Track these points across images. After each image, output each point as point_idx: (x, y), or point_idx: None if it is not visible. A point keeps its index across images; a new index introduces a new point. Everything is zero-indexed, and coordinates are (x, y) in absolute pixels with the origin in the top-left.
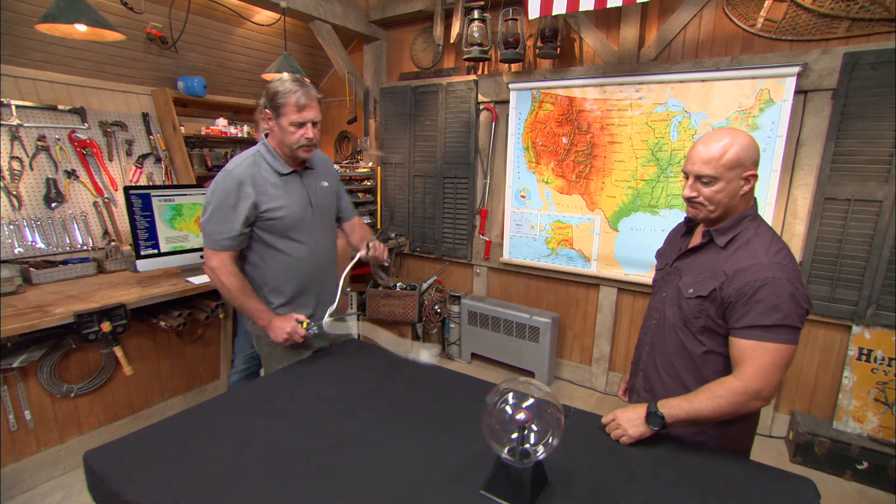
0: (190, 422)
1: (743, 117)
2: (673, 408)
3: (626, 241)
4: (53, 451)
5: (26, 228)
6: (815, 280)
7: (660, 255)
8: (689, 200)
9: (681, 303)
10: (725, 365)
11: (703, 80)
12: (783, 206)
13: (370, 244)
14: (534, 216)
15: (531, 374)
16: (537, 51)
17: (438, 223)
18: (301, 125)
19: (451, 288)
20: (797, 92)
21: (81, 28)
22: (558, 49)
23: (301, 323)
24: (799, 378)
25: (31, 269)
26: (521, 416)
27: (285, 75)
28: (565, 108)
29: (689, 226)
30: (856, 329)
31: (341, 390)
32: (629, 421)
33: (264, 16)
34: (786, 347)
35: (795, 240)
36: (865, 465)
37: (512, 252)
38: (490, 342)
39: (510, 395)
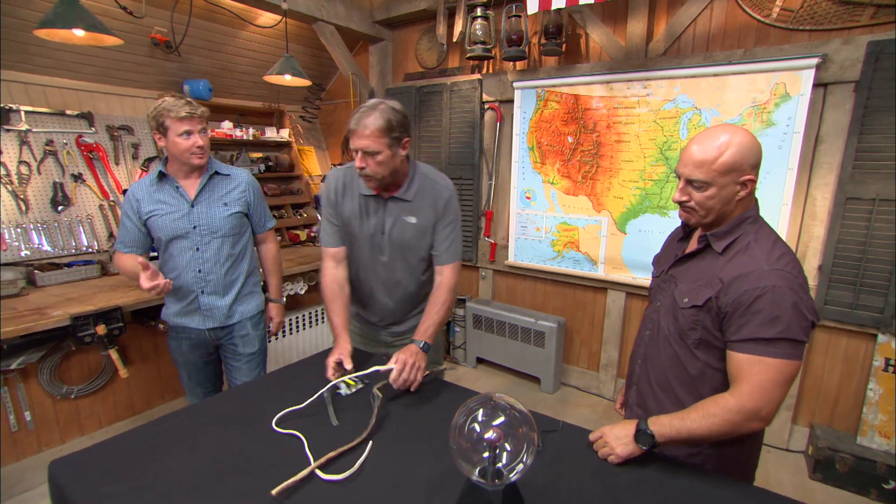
0: (160, 432)
1: (757, 113)
2: (664, 426)
3: (634, 244)
4: (55, 451)
5: (33, 231)
6: (836, 286)
7: (656, 260)
8: (681, 204)
9: (675, 313)
10: (724, 382)
11: (714, 75)
12: (801, 206)
13: (397, 362)
14: (539, 218)
15: (537, 380)
16: (541, 48)
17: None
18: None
19: (456, 291)
20: (816, 85)
21: (79, 33)
22: (563, 46)
23: (340, 365)
24: (819, 389)
25: (35, 271)
26: (490, 434)
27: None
28: (571, 107)
29: (686, 230)
30: (881, 338)
31: (316, 400)
32: (617, 439)
33: (267, 18)
34: (787, 363)
35: (814, 242)
36: (893, 484)
37: (517, 254)
38: (495, 346)
39: (479, 413)
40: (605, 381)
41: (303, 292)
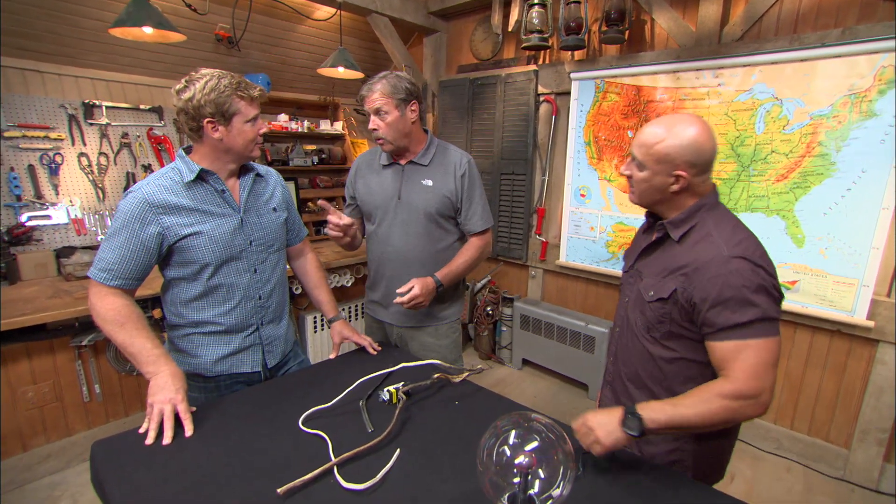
0: (197, 421)
1: (854, 102)
2: (655, 410)
3: None
4: (119, 424)
5: (108, 218)
6: None
7: (626, 254)
8: (627, 179)
9: (642, 307)
10: (698, 372)
11: (801, 60)
12: None
13: (412, 287)
14: (594, 217)
15: (584, 386)
16: (602, 35)
17: (494, 221)
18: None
19: (505, 289)
20: None
21: (148, 31)
22: (626, 33)
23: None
24: None
25: None
26: (522, 460)
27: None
28: (632, 99)
29: (650, 221)
30: None
31: (347, 399)
32: (601, 426)
33: (324, 11)
34: (772, 341)
35: None
36: None
37: (569, 255)
38: (542, 349)
39: (511, 435)
40: None
41: (349, 284)
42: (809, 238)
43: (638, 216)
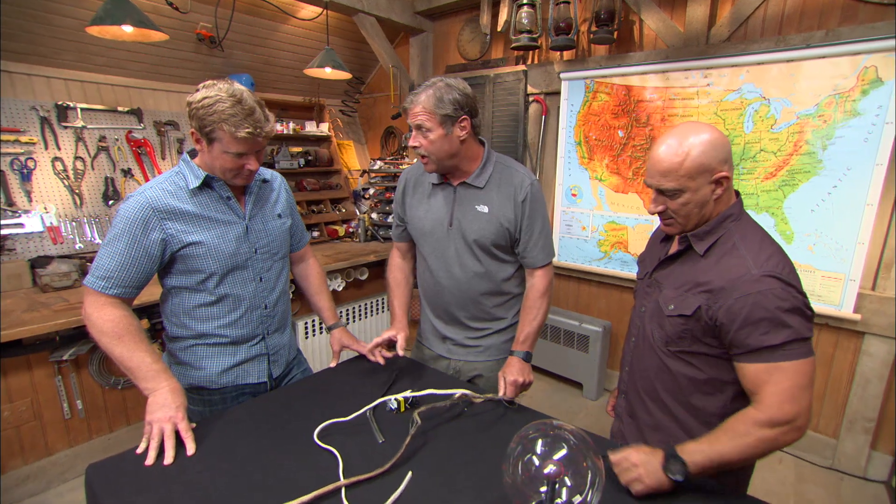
0: (195, 438)
1: (839, 102)
2: (694, 453)
3: None
4: (104, 440)
5: (86, 225)
6: None
7: (641, 260)
8: (660, 215)
9: (661, 320)
10: (714, 388)
11: (787, 61)
12: (890, 207)
13: (507, 384)
14: (585, 216)
15: (579, 386)
16: (591, 36)
17: None
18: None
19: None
20: None
21: (128, 29)
22: (615, 33)
23: (392, 345)
24: None
25: (88, 263)
26: (550, 469)
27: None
28: (622, 99)
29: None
30: None
31: (355, 409)
32: (646, 465)
33: (309, 11)
34: (806, 362)
35: None
36: None
37: (561, 254)
38: (536, 349)
39: (538, 444)
40: None
41: (340, 289)
42: (798, 234)
43: (630, 214)
